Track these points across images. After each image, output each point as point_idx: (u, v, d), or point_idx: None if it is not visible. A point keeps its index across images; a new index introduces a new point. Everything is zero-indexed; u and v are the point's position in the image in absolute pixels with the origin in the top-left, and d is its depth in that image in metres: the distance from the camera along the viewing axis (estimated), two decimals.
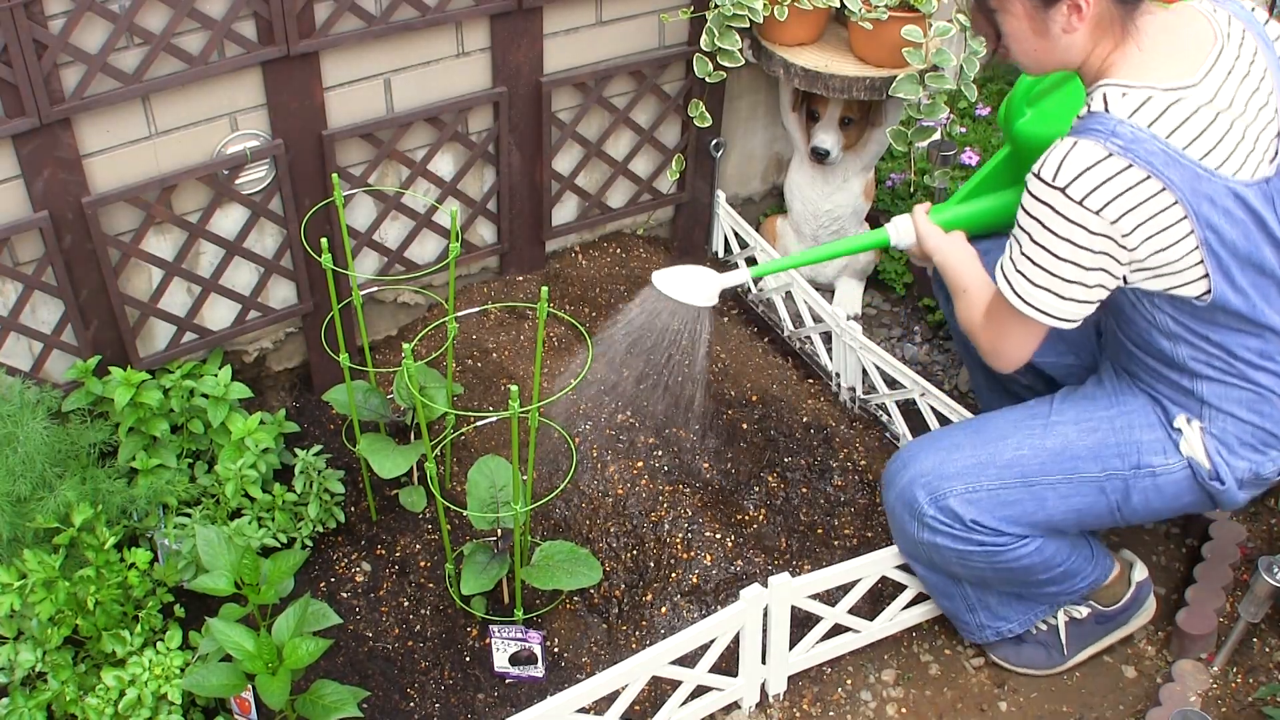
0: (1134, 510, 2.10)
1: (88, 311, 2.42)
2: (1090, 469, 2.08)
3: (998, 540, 2.11)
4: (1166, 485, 2.07)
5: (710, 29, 2.76)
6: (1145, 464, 2.06)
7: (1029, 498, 2.10)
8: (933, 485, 2.13)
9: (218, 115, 2.40)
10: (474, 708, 2.29)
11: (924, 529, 2.14)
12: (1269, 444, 2.04)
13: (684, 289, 2.18)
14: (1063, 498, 2.09)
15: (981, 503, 2.10)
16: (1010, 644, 2.38)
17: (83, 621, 2.10)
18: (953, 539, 2.12)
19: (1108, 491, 2.08)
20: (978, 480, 2.11)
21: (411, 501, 2.57)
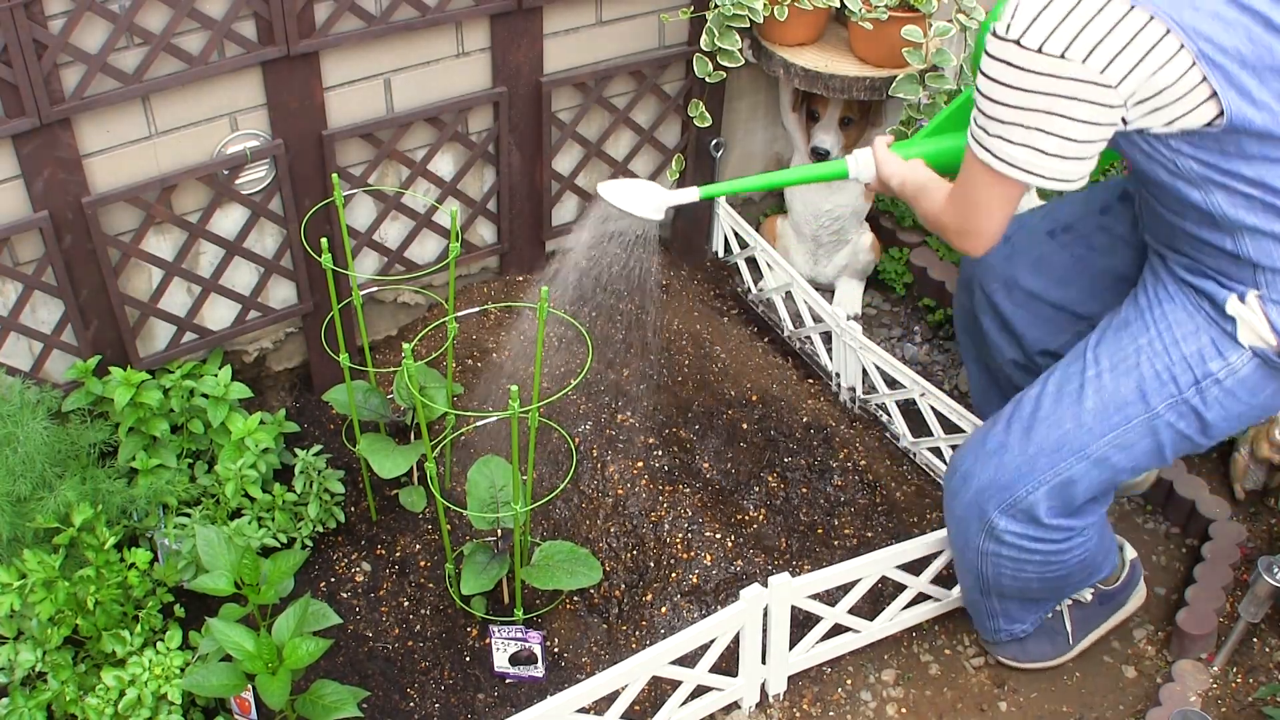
0: (1217, 427, 1.95)
1: (88, 311, 2.42)
2: (1139, 411, 1.95)
3: (1069, 541, 2.08)
4: (1239, 387, 1.89)
5: (710, 29, 2.76)
6: (1206, 374, 1.90)
7: (1095, 469, 1.99)
8: (999, 498, 2.05)
9: (218, 115, 2.40)
10: (474, 708, 2.29)
11: (990, 539, 2.10)
12: None
13: (631, 200, 2.16)
14: (1126, 451, 1.98)
15: (1051, 496, 2.02)
16: (1015, 643, 2.38)
17: (83, 621, 2.10)
18: (1018, 550, 2.09)
19: (1174, 423, 1.94)
20: (1038, 476, 2.02)
21: (411, 501, 2.57)
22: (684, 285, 3.13)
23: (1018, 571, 2.15)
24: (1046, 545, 2.09)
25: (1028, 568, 2.14)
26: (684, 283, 3.14)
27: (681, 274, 3.16)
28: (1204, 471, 2.75)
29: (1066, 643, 2.39)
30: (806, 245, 3.20)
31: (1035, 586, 2.20)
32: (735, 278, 3.22)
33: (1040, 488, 2.02)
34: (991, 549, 2.12)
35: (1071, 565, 2.16)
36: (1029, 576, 2.16)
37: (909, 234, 3.31)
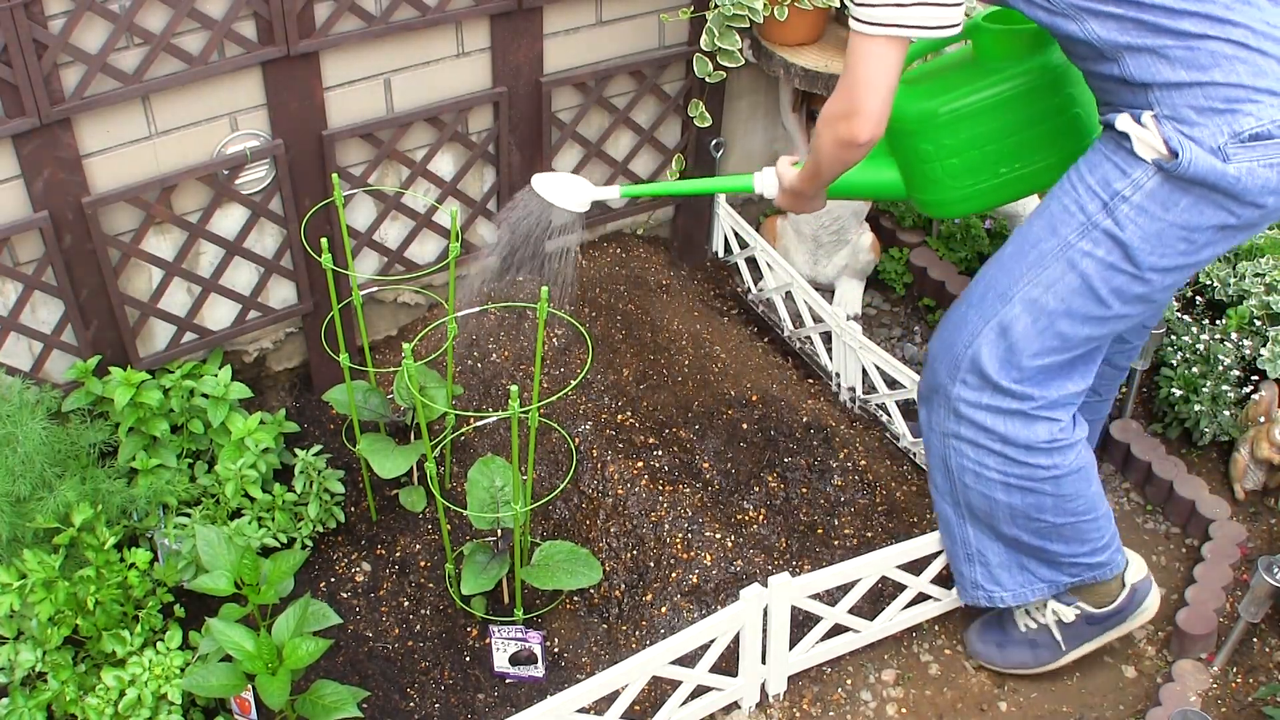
0: (1138, 249, 1.91)
1: (88, 311, 2.42)
2: (1052, 246, 1.98)
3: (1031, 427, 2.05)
4: (1148, 201, 1.88)
5: (710, 29, 2.76)
6: (1113, 194, 1.91)
7: (1025, 312, 2.01)
8: (946, 359, 2.10)
9: (218, 115, 2.40)
10: (474, 708, 2.29)
11: (950, 416, 2.12)
12: (1233, 99, 1.80)
13: (559, 194, 2.27)
14: (1051, 289, 1.98)
15: (991, 346, 2.04)
16: (994, 646, 2.36)
17: (83, 621, 2.10)
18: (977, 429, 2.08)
19: (1092, 250, 1.94)
20: (970, 328, 2.06)
21: (411, 501, 2.57)
22: (684, 285, 3.13)
23: (980, 468, 2.12)
24: (1006, 425, 2.06)
25: (989, 462, 2.10)
26: (684, 283, 3.14)
27: (681, 274, 3.16)
28: (1204, 471, 2.75)
29: (1051, 653, 2.34)
30: (806, 245, 3.20)
31: (1003, 508, 2.14)
32: (735, 278, 3.22)
33: (976, 338, 2.05)
34: (952, 428, 2.12)
35: (1042, 489, 2.10)
36: (992, 479, 2.11)
37: (909, 234, 3.31)
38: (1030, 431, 2.08)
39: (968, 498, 2.20)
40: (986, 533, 2.24)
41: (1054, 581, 2.27)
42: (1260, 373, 2.76)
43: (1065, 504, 2.14)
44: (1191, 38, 1.78)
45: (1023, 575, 2.27)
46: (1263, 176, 1.82)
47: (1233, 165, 1.81)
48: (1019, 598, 2.28)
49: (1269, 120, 1.79)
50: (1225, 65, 1.78)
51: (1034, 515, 2.16)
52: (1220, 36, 1.77)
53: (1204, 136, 1.81)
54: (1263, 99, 1.78)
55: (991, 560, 2.26)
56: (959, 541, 2.27)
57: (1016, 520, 2.18)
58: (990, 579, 2.28)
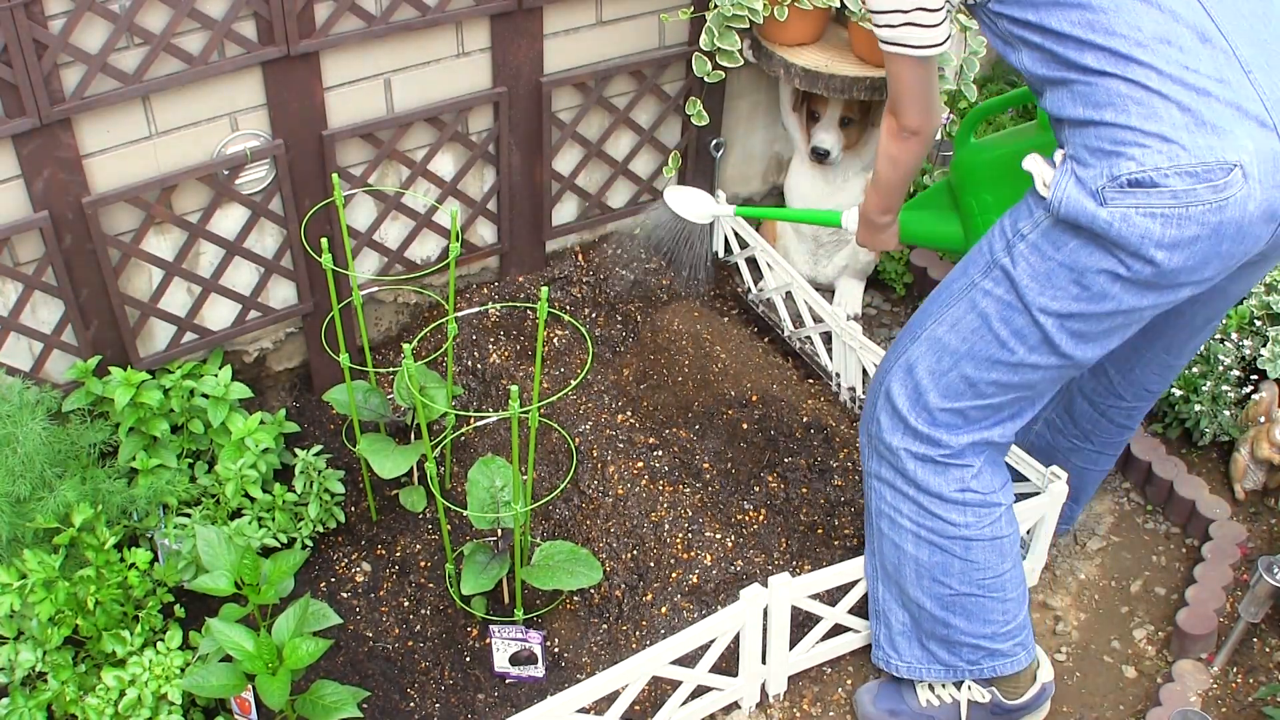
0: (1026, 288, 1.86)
1: (88, 311, 2.42)
2: (962, 286, 1.97)
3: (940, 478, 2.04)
4: (1041, 240, 1.84)
5: (710, 29, 2.76)
6: (1016, 233, 1.88)
7: (929, 351, 2.00)
8: (871, 395, 2.13)
9: (218, 115, 2.40)
10: (474, 708, 2.29)
11: (873, 454, 2.14)
12: (1119, 141, 1.72)
13: (685, 206, 2.77)
14: (954, 329, 1.96)
15: (898, 384, 2.04)
16: (887, 714, 2.26)
17: (83, 621, 2.10)
18: (894, 471, 2.08)
19: (991, 290, 1.91)
20: (887, 365, 2.09)
21: (411, 501, 2.57)
22: (684, 285, 3.13)
23: (895, 514, 2.10)
24: (917, 469, 2.05)
25: (904, 508, 2.09)
26: (684, 282, 3.14)
27: (682, 274, 3.16)
28: (1204, 471, 2.75)
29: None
30: (806, 245, 3.20)
31: (910, 563, 2.11)
32: (735, 278, 3.22)
33: (889, 374, 2.07)
34: (874, 467, 2.14)
35: (950, 549, 2.07)
36: (905, 528, 2.09)
37: None
38: (941, 479, 2.05)
39: (882, 547, 2.18)
40: (894, 593, 2.21)
41: (951, 666, 2.20)
42: (1260, 373, 2.76)
43: (972, 571, 2.10)
44: (1092, 73, 1.73)
45: (921, 651, 2.22)
46: (1141, 225, 1.72)
47: (1106, 209, 1.73)
48: (913, 672, 2.23)
49: (1152, 167, 1.69)
50: (1119, 105, 1.71)
51: (939, 577, 2.12)
52: (1120, 75, 1.71)
53: (1088, 178, 1.75)
54: (1150, 144, 1.69)
55: (894, 625, 2.23)
56: (870, 599, 2.27)
57: (921, 580, 2.14)
58: (890, 643, 2.25)
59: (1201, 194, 1.69)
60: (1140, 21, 1.70)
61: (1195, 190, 1.69)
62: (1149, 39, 1.70)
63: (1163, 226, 1.72)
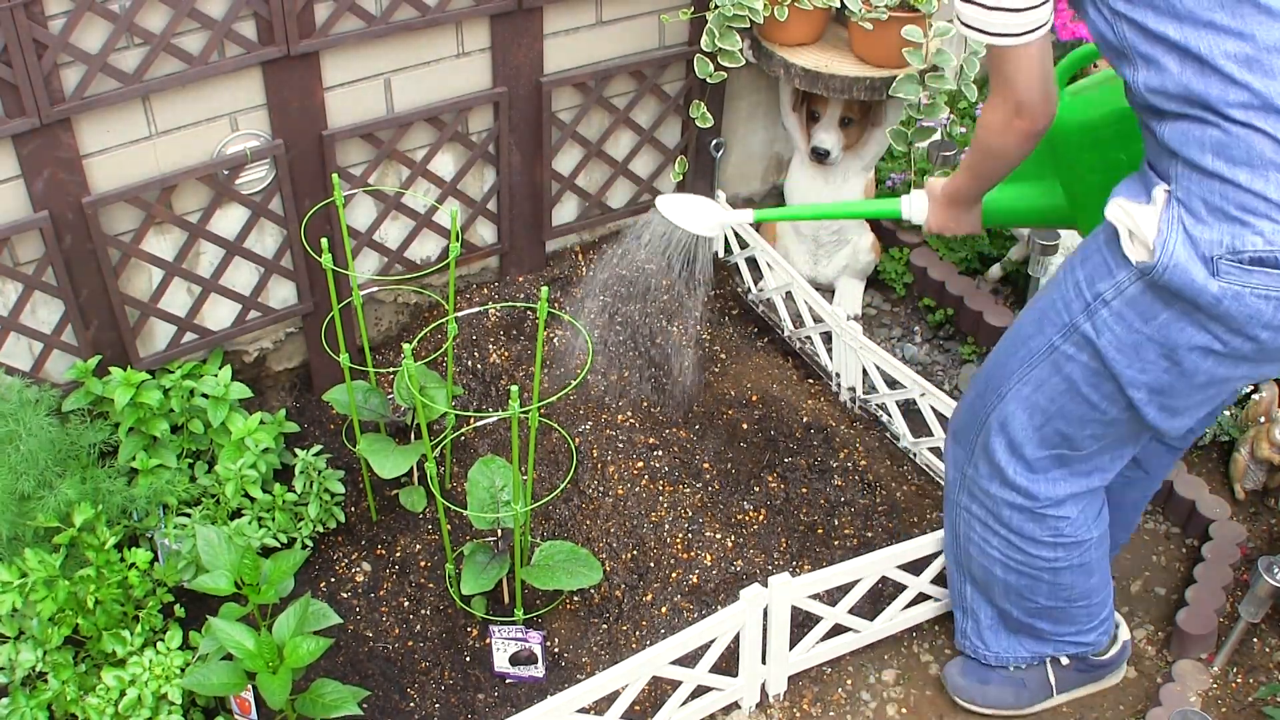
0: (1112, 359, 1.74)
1: (88, 311, 2.42)
2: (1039, 345, 1.84)
3: (1038, 522, 2.02)
4: (1127, 309, 1.69)
5: (711, 29, 2.76)
6: (1096, 295, 1.72)
7: (1020, 409, 1.91)
8: (962, 439, 2.07)
9: (218, 115, 2.40)
10: (474, 708, 2.29)
11: (964, 492, 2.11)
12: (1248, 209, 1.52)
13: (688, 217, 2.27)
14: (1040, 389, 1.87)
15: (995, 439, 1.98)
16: (976, 684, 2.32)
17: (83, 621, 2.10)
18: (986, 510, 2.07)
19: (1074, 355, 1.80)
20: (979, 417, 1.99)
21: (411, 501, 2.57)
22: (684, 285, 3.13)
23: (984, 544, 2.12)
24: (1011, 516, 2.04)
25: (994, 542, 2.10)
26: (684, 282, 3.14)
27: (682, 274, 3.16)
28: (1204, 471, 2.75)
29: (1033, 695, 2.30)
30: (806, 245, 3.20)
31: (999, 583, 2.16)
32: (735, 278, 3.22)
33: (984, 428, 2.00)
34: (965, 502, 2.12)
35: (1039, 577, 2.10)
36: (994, 557, 2.11)
37: (909, 234, 3.31)
38: (1035, 526, 2.05)
39: (969, 565, 2.22)
40: (981, 595, 2.26)
41: (1038, 653, 2.28)
42: None
43: (1059, 591, 2.14)
44: (1235, 122, 1.52)
45: (1009, 641, 2.28)
46: (1253, 306, 1.57)
47: (1217, 283, 1.57)
48: (1001, 660, 2.30)
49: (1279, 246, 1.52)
50: (1258, 167, 1.51)
51: (1027, 596, 2.16)
52: (1268, 133, 1.50)
53: (1203, 240, 1.57)
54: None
55: (983, 620, 2.28)
56: (956, 593, 2.30)
57: (1010, 596, 2.19)
58: (979, 635, 2.30)
59: None
60: None
61: None
62: None
63: (1275, 310, 1.57)
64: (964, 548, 2.20)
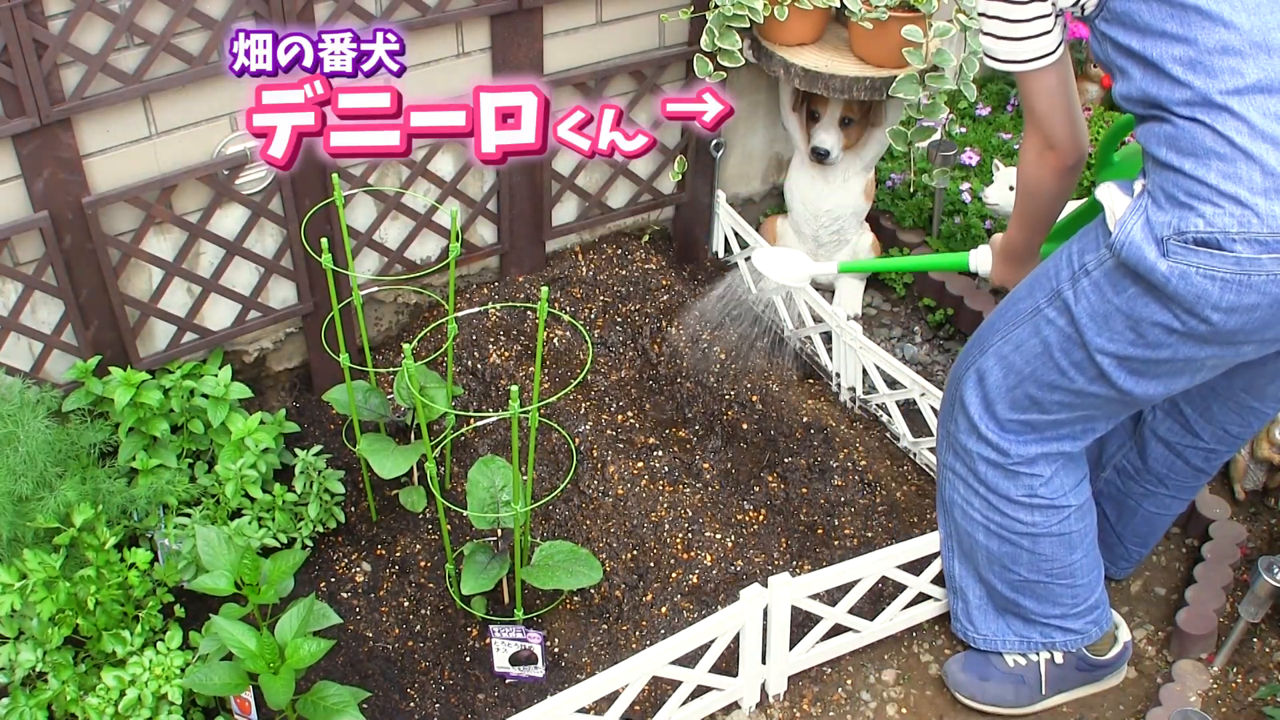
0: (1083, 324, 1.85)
1: (88, 311, 2.42)
2: (1027, 306, 1.96)
3: (1011, 482, 2.06)
4: (1103, 279, 1.81)
5: (710, 29, 2.76)
6: (1082, 265, 1.86)
7: (997, 365, 2.02)
8: (948, 394, 2.15)
9: (218, 115, 2.40)
10: (474, 708, 2.29)
11: (947, 449, 2.16)
12: (1193, 195, 1.66)
13: (782, 270, 2.60)
14: (1019, 349, 1.97)
15: (970, 391, 2.07)
16: (976, 680, 2.32)
17: (83, 621, 2.10)
18: (966, 468, 2.11)
19: (1054, 318, 1.90)
20: (961, 371, 2.10)
21: (411, 501, 2.57)
22: (684, 285, 3.13)
23: (967, 505, 2.15)
24: (987, 471, 2.08)
25: (975, 503, 2.13)
26: (684, 282, 3.14)
27: (682, 274, 3.16)
28: None
29: (1032, 694, 2.31)
30: (807, 245, 3.19)
31: (982, 550, 2.17)
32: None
33: (963, 380, 2.09)
34: (949, 460, 2.17)
35: (1019, 543, 2.12)
36: (975, 519, 2.14)
37: (909, 234, 3.31)
38: (1009, 484, 2.09)
39: (956, 531, 2.24)
40: (969, 571, 2.27)
41: (1025, 638, 2.28)
42: None
43: (1040, 563, 2.15)
44: (1182, 117, 1.67)
45: (997, 623, 2.29)
46: (1199, 285, 1.68)
47: (1165, 262, 1.69)
48: (990, 644, 2.30)
49: (1220, 229, 1.64)
50: (1201, 156, 1.65)
51: (1008, 565, 2.18)
52: (1209, 124, 1.64)
53: (1158, 223, 1.70)
54: (1224, 204, 1.63)
55: (971, 600, 2.29)
56: (946, 573, 2.32)
57: (992, 566, 2.21)
58: (968, 616, 2.31)
59: (1266, 264, 1.64)
60: (1246, 67, 1.61)
61: (1260, 260, 1.64)
62: (1249, 87, 1.61)
63: (1221, 290, 1.67)
64: (949, 512, 2.23)
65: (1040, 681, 2.31)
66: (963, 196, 3.28)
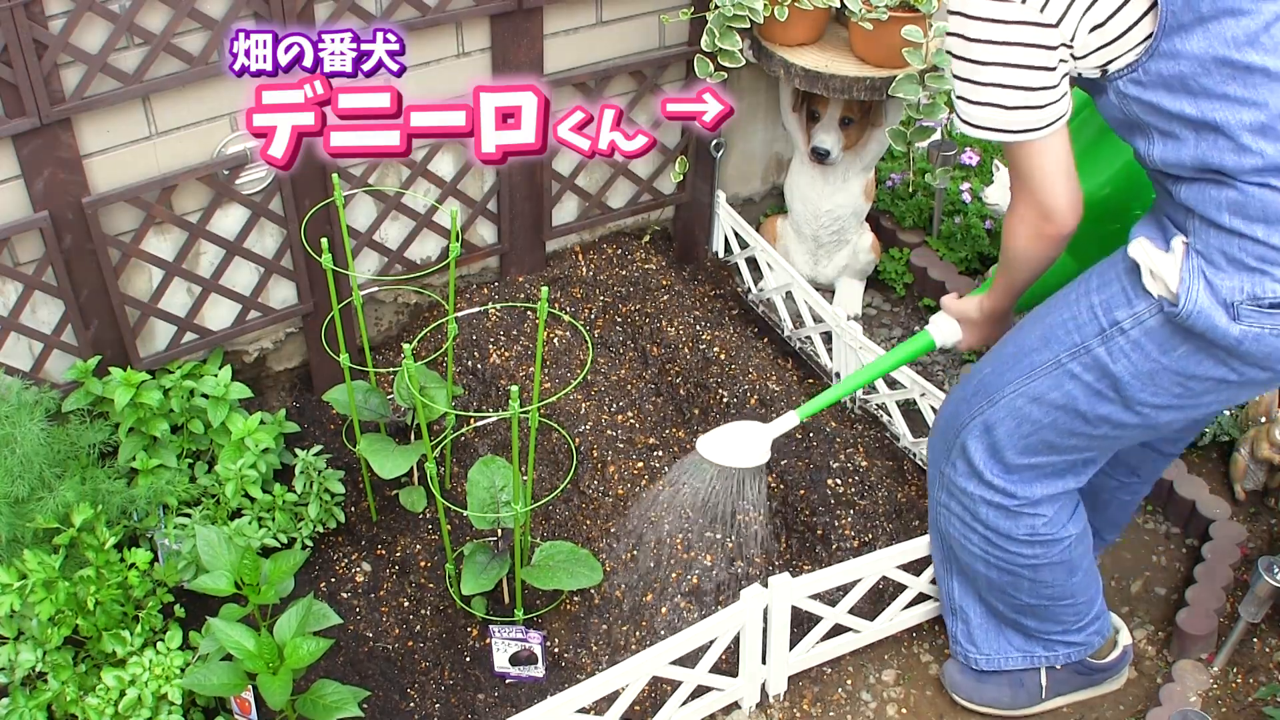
0: (1128, 384, 1.81)
1: (88, 311, 2.42)
2: (1043, 359, 1.89)
3: (1013, 520, 2.03)
4: (1146, 340, 1.76)
5: (711, 29, 2.76)
6: (1112, 323, 1.79)
7: (1009, 416, 1.95)
8: (943, 438, 2.09)
9: (218, 115, 2.40)
10: (474, 708, 2.29)
11: (942, 489, 2.13)
12: (1266, 260, 1.64)
13: (733, 453, 2.17)
14: (1037, 402, 1.91)
15: (978, 440, 2.01)
16: (974, 682, 2.32)
17: (83, 621, 2.10)
18: (963, 507, 2.08)
19: (1080, 374, 1.85)
20: (962, 418, 2.03)
21: (411, 501, 2.57)
22: (684, 285, 3.13)
23: (965, 540, 2.12)
24: (989, 514, 2.05)
25: (973, 539, 2.10)
26: (684, 282, 3.14)
27: (682, 274, 3.16)
28: (1204, 471, 2.75)
29: (1028, 697, 2.31)
30: (806, 245, 3.20)
31: (982, 579, 2.16)
32: (735, 278, 3.22)
33: (966, 429, 2.03)
34: (944, 499, 2.13)
35: (1019, 573, 2.10)
36: (974, 553, 2.11)
37: (909, 234, 3.31)
38: (1012, 524, 2.06)
39: (954, 557, 2.22)
40: (969, 591, 2.26)
41: (1028, 653, 2.27)
42: None
43: (1040, 589, 2.14)
44: (1251, 184, 1.62)
45: (999, 641, 2.27)
46: (1272, 344, 1.69)
47: (1239, 326, 1.67)
48: (992, 663, 2.29)
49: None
50: (1273, 223, 1.62)
51: (1010, 592, 2.17)
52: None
53: (1224, 289, 1.67)
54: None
55: (972, 620, 2.27)
56: (944, 594, 2.30)
57: (993, 592, 2.20)
58: (969, 638, 2.29)
59: None
60: None
61: None
62: None
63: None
64: (944, 543, 2.21)
65: (1040, 687, 2.31)
66: (963, 196, 3.28)
